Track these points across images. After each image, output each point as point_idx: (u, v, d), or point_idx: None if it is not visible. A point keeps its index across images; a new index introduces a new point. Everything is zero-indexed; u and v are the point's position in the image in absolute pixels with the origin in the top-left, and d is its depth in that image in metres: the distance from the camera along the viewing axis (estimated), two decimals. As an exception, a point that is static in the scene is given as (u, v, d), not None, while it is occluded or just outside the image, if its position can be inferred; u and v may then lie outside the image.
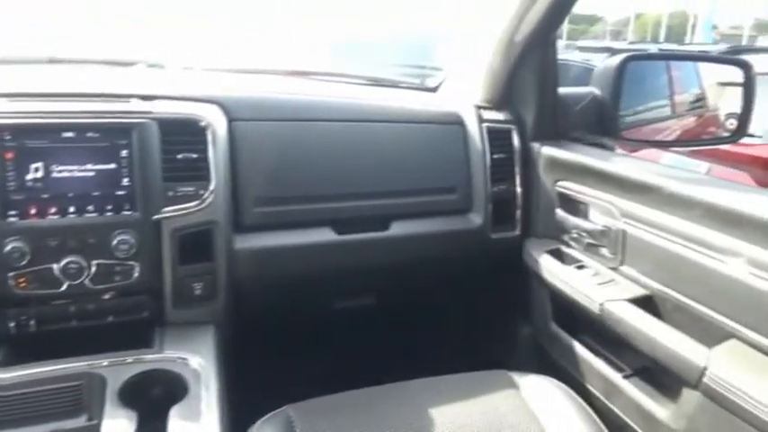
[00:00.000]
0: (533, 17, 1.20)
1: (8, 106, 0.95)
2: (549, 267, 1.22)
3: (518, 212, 1.34)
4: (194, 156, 1.03)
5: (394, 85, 1.58)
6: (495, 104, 1.37)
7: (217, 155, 1.04)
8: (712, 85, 1.75)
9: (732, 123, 1.50)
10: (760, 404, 0.78)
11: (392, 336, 1.42)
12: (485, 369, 1.05)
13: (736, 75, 1.37)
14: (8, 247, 0.90)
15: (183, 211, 1.01)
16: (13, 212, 0.91)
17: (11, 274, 0.92)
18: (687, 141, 1.72)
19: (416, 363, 1.11)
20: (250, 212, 1.11)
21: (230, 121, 1.09)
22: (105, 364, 0.90)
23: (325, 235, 1.18)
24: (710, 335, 0.91)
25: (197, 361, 0.94)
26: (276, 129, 1.15)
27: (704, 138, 1.76)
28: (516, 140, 1.33)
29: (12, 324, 0.95)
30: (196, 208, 1.02)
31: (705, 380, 0.86)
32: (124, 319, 1.01)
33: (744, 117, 1.37)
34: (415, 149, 1.27)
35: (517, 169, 1.33)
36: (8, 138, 0.92)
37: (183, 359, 0.94)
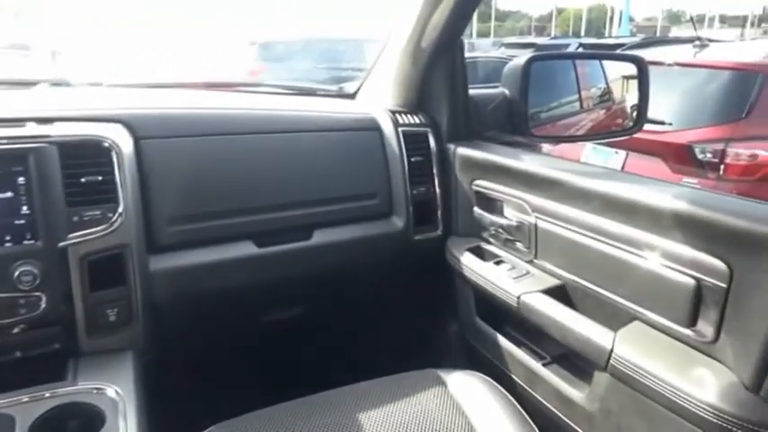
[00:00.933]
0: (437, 22, 1.23)
1: None
2: (470, 264, 1.26)
3: (439, 213, 1.37)
4: (99, 178, 0.99)
5: (312, 93, 1.58)
6: (410, 108, 1.40)
7: (123, 176, 1.01)
8: (617, 79, 1.85)
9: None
10: (660, 381, 0.83)
11: (324, 344, 1.42)
12: (420, 368, 1.07)
13: (633, 69, 1.46)
14: None
15: (91, 236, 0.98)
16: None
17: None
18: (595, 135, 1.81)
19: (351, 369, 1.12)
20: (164, 232, 1.08)
21: (137, 139, 1.06)
22: (12, 401, 0.86)
23: (246, 249, 1.17)
24: (616, 318, 0.96)
25: (113, 390, 0.91)
26: (187, 145, 1.13)
27: (613, 129, 1.84)
28: (432, 142, 1.36)
29: None
30: (104, 232, 0.99)
31: (612, 362, 0.92)
32: (34, 353, 0.97)
33: (641, 108, 1.45)
34: (334, 157, 1.28)
35: (435, 171, 1.36)
36: None
37: (100, 389, 0.91)
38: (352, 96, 1.56)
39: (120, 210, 1.00)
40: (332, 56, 7.55)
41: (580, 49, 8.79)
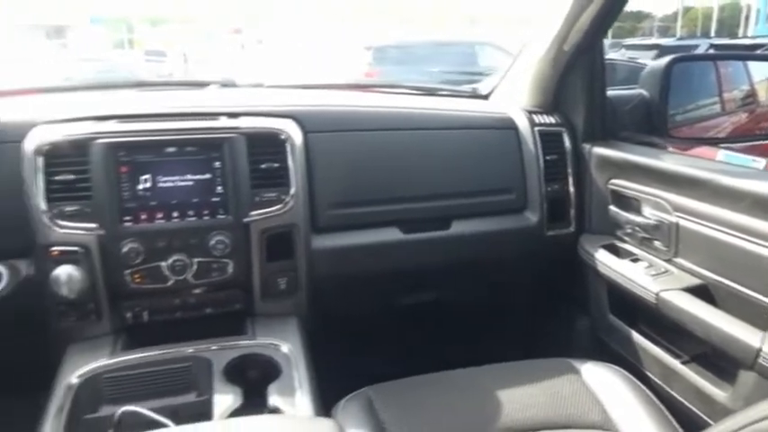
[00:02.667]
0: (582, 26, 1.27)
1: (120, 126, 1.10)
2: (604, 261, 1.29)
3: (572, 210, 1.40)
4: (276, 165, 1.15)
5: (449, 94, 1.68)
6: (546, 109, 1.45)
7: (295, 164, 1.16)
8: (763, 81, 1.77)
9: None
10: None
11: (453, 329, 1.51)
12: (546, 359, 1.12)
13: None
14: (125, 248, 1.04)
15: (268, 215, 1.13)
16: (127, 218, 1.06)
17: (127, 271, 1.06)
18: (739, 137, 1.74)
19: (477, 355, 1.20)
20: (325, 215, 1.22)
21: (305, 133, 1.21)
22: (209, 348, 1.03)
23: (393, 234, 1.28)
24: (763, 319, 0.96)
25: (287, 347, 1.05)
26: (346, 139, 1.27)
27: (757, 133, 1.77)
28: (567, 142, 1.40)
29: (129, 315, 1.10)
30: (279, 211, 1.14)
31: (760, 360, 0.92)
32: (220, 311, 1.15)
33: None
34: (471, 153, 1.37)
35: (569, 169, 1.40)
36: (122, 154, 1.06)
37: (275, 345, 1.06)
38: (485, 97, 1.64)
39: (291, 192, 1.15)
40: (445, 59, 7.64)
41: (711, 51, 8.22)
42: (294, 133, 1.19)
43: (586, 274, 1.36)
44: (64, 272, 1.02)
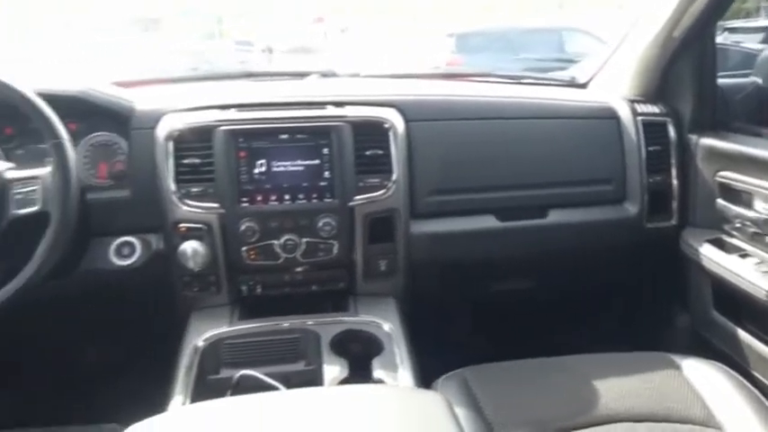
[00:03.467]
0: (695, 10, 1.23)
1: (239, 115, 1.19)
2: (710, 256, 1.25)
3: (674, 203, 1.37)
4: (380, 152, 1.20)
5: (545, 83, 1.66)
6: (649, 98, 1.41)
7: (397, 151, 1.21)
8: None
9: None
10: None
11: (547, 317, 1.51)
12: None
13: None
14: (243, 227, 1.14)
15: (372, 199, 1.19)
16: (245, 199, 1.15)
17: (244, 248, 1.15)
18: None
19: (570, 344, 1.20)
20: (423, 201, 1.27)
21: (407, 121, 1.25)
22: (316, 322, 1.11)
23: (489, 222, 1.31)
24: None
25: (387, 325, 1.11)
26: (445, 127, 1.30)
27: None
28: (672, 132, 1.36)
29: (244, 288, 1.20)
30: (381, 196, 1.19)
31: None
32: (324, 289, 1.23)
33: None
34: (570, 143, 1.36)
35: (673, 161, 1.36)
36: (241, 141, 1.15)
37: (377, 323, 1.12)
38: (583, 86, 1.61)
39: (393, 179, 1.20)
40: (531, 46, 7.46)
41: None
42: (397, 122, 1.23)
43: (688, 269, 1.33)
44: (189, 246, 1.13)
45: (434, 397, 0.75)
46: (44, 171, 0.98)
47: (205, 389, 1.00)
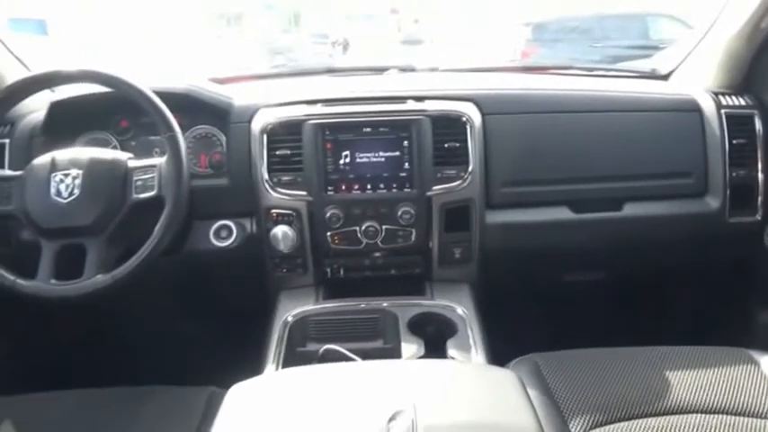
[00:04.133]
0: None
1: (326, 109, 1.28)
2: None
3: (759, 197, 1.33)
4: (457, 144, 1.26)
5: (625, 75, 1.65)
6: (735, 90, 1.38)
7: (474, 144, 1.26)
8: None
9: None
10: None
11: (619, 309, 1.51)
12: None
13: None
14: (328, 214, 1.23)
15: (449, 189, 1.25)
16: (330, 188, 1.24)
17: (329, 233, 1.25)
18: None
19: (643, 336, 1.20)
20: (498, 192, 1.31)
21: (483, 115, 1.30)
22: (394, 304, 1.19)
23: (563, 213, 1.33)
24: None
25: (461, 309, 1.17)
26: (520, 121, 1.34)
27: None
28: (759, 125, 1.33)
29: (328, 270, 1.29)
30: (458, 187, 1.25)
31: None
32: (402, 273, 1.30)
33: None
34: (648, 136, 1.35)
35: (759, 154, 1.32)
36: (328, 133, 1.24)
37: (451, 307, 1.18)
38: (665, 77, 1.59)
39: (470, 170, 1.25)
40: (612, 33, 7.19)
41: None
42: (474, 115, 1.28)
43: None
44: (280, 230, 1.23)
45: (508, 374, 0.81)
46: (160, 160, 1.11)
47: (294, 359, 1.10)
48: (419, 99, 1.31)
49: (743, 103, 1.35)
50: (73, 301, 1.04)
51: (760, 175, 1.33)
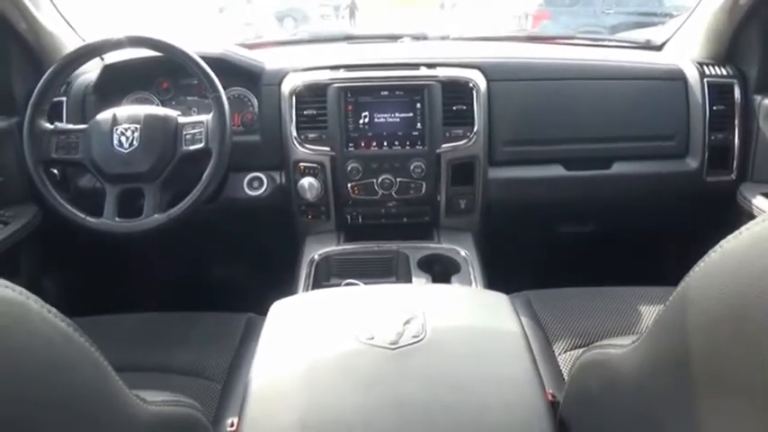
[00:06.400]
0: None
1: (348, 74, 1.43)
2: (762, 207, 1.37)
3: (735, 159, 1.48)
4: (464, 107, 1.41)
5: (622, 45, 1.78)
6: (718, 60, 1.51)
7: (479, 107, 1.41)
8: None
9: None
10: None
11: (604, 256, 1.68)
12: None
13: None
14: (349, 167, 1.40)
15: (455, 147, 1.41)
16: (351, 144, 1.40)
17: (349, 184, 1.42)
18: None
19: (624, 280, 1.34)
20: (500, 151, 1.47)
21: (489, 81, 1.45)
22: (406, 246, 1.36)
23: (557, 171, 1.49)
24: None
25: (464, 252, 1.35)
26: (521, 87, 1.49)
27: None
28: (737, 93, 1.47)
29: (348, 217, 1.47)
30: (464, 145, 1.41)
31: None
32: (413, 221, 1.48)
33: None
34: (637, 102, 1.50)
35: (737, 120, 1.47)
36: (349, 96, 1.40)
37: (456, 249, 1.36)
38: (659, 48, 1.72)
39: (475, 130, 1.41)
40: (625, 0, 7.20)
41: None
42: (480, 81, 1.43)
43: (742, 221, 1.45)
44: (307, 181, 1.40)
45: (501, 296, 0.98)
46: (207, 117, 1.27)
47: None
48: (431, 66, 1.45)
49: (724, 72, 1.48)
50: (134, 236, 1.22)
51: (736, 139, 1.48)
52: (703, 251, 0.48)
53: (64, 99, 1.45)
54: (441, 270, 1.32)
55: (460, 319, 0.86)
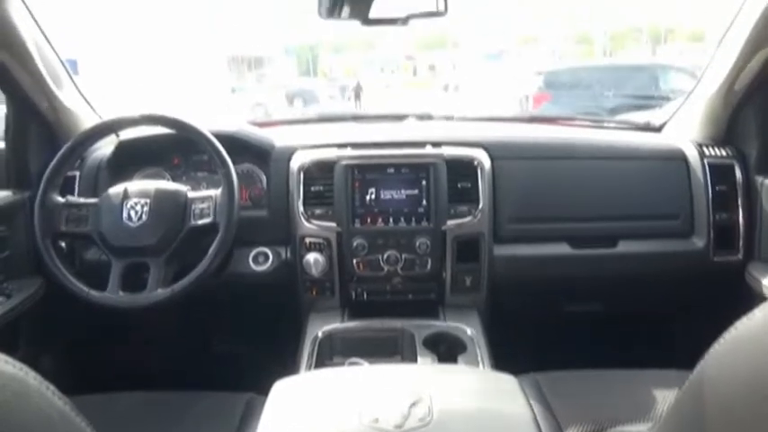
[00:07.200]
0: (754, 67, 1.37)
1: (355, 152, 1.46)
2: None
3: (741, 238, 1.48)
4: (469, 185, 1.43)
5: (621, 127, 1.83)
6: (717, 141, 1.54)
7: (484, 185, 1.44)
8: None
9: None
10: None
11: (612, 335, 1.64)
12: None
13: None
14: (355, 243, 1.40)
15: (461, 224, 1.42)
16: (357, 220, 1.42)
17: (355, 260, 1.41)
18: None
19: (632, 361, 1.31)
20: (505, 228, 1.47)
21: (493, 159, 1.48)
22: (412, 324, 1.34)
23: (563, 249, 1.49)
24: None
25: (470, 331, 1.32)
26: (525, 165, 1.51)
27: None
28: (739, 174, 1.49)
29: (353, 293, 1.45)
30: (469, 222, 1.42)
31: None
32: (418, 298, 1.46)
33: None
34: (640, 181, 1.52)
35: (740, 200, 1.48)
36: (356, 173, 1.42)
37: (462, 328, 1.33)
38: (658, 129, 1.76)
39: (480, 207, 1.42)
40: (623, 83, 7.46)
41: None
42: (484, 160, 1.46)
43: (752, 300, 1.43)
44: (312, 257, 1.40)
45: (510, 378, 0.95)
46: (216, 192, 1.30)
47: None
48: (436, 144, 1.49)
49: (724, 153, 1.51)
50: (136, 310, 1.21)
51: (741, 219, 1.48)
52: (714, 332, 0.47)
53: (77, 173, 1.48)
54: (447, 349, 1.29)
55: (469, 403, 0.83)
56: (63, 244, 1.38)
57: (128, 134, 1.51)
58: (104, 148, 1.53)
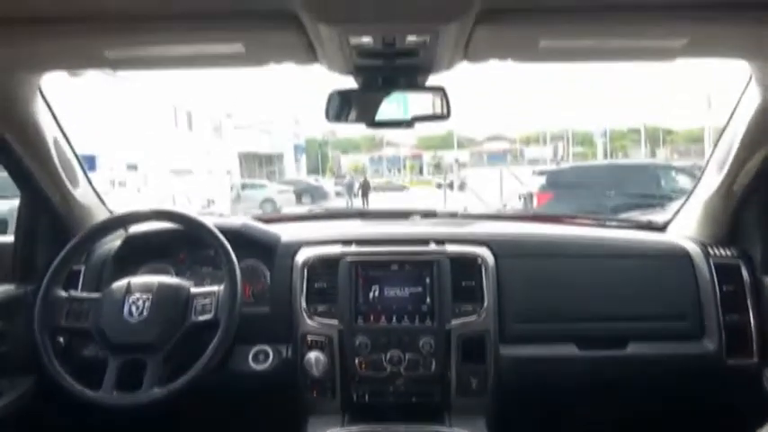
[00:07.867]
0: (752, 168, 1.39)
1: (359, 249, 1.47)
2: None
3: (755, 341, 1.43)
4: (473, 283, 1.42)
5: (625, 226, 1.84)
6: (721, 241, 1.54)
7: (488, 283, 1.42)
8: None
9: None
10: None
11: None
12: None
13: None
14: (357, 341, 1.37)
15: (465, 323, 1.39)
16: (360, 318, 1.39)
17: (357, 359, 1.37)
18: None
19: None
20: (510, 327, 1.44)
21: (497, 257, 1.47)
22: (415, 430, 1.28)
23: (570, 350, 1.44)
24: None
25: None
26: (529, 263, 1.51)
27: None
28: (746, 274, 1.47)
29: (354, 395, 1.40)
30: (474, 321, 1.39)
31: None
32: (421, 401, 1.40)
33: None
34: (644, 280, 1.50)
35: (750, 301, 1.45)
36: (360, 269, 1.42)
37: None
38: (662, 228, 1.77)
39: (484, 306, 1.40)
40: (624, 183, 7.60)
41: None
42: (488, 258, 1.46)
43: None
44: (314, 355, 1.37)
45: None
46: (218, 288, 1.29)
47: None
48: (440, 242, 1.50)
49: (729, 254, 1.50)
50: (130, 410, 1.17)
51: (752, 320, 1.44)
52: None
53: (82, 267, 1.48)
54: None
55: None
56: (61, 339, 1.36)
57: (135, 228, 1.53)
58: (111, 242, 1.55)
